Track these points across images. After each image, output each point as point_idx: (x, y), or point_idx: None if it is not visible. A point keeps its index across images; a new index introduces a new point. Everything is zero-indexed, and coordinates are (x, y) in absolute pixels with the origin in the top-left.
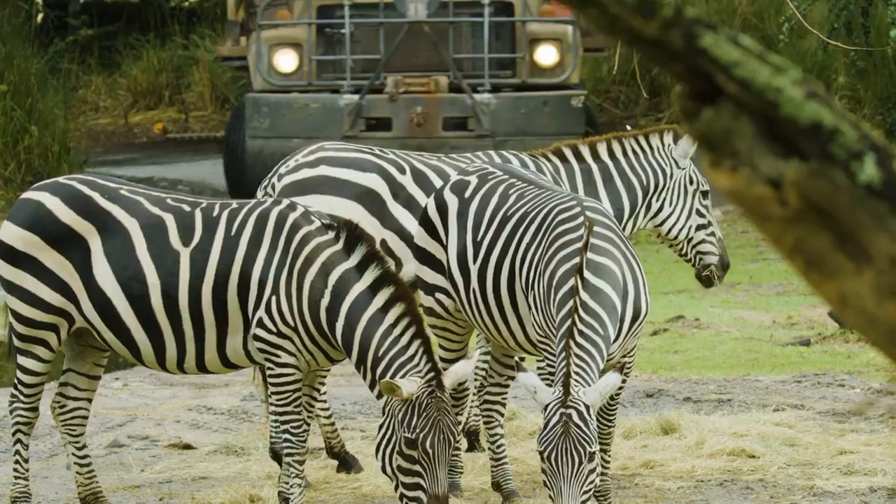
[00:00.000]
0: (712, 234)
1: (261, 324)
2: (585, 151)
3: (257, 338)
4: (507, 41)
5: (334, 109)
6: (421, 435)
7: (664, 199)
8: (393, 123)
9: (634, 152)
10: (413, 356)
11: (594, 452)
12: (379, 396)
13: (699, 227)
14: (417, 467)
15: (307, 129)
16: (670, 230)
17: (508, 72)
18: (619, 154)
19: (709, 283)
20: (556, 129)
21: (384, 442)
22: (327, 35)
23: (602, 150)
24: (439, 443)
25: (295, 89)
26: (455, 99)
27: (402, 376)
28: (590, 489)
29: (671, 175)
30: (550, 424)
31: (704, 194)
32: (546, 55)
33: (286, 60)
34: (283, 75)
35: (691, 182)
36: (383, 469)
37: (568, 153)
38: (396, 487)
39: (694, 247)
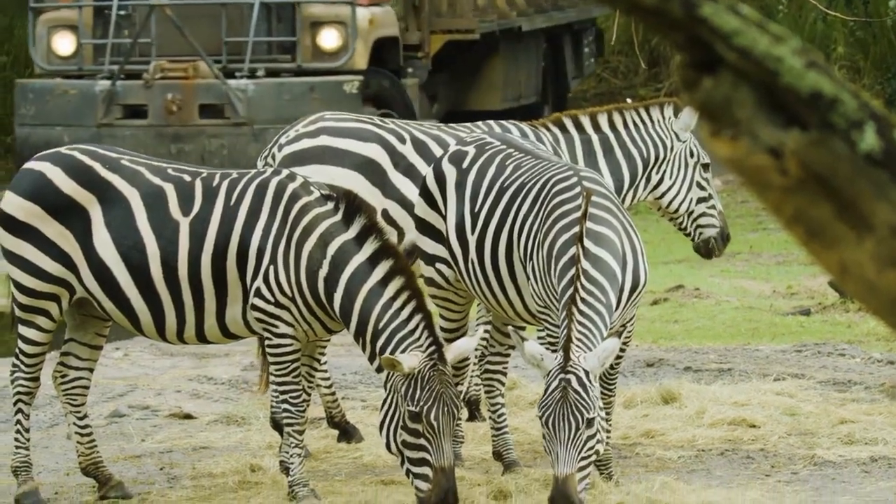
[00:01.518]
0: (713, 206)
1: (259, 293)
2: (586, 122)
3: (255, 307)
4: (289, 24)
5: (90, 96)
6: (424, 408)
7: (664, 171)
8: (149, 110)
9: (635, 124)
10: (414, 330)
11: (593, 419)
12: (379, 370)
13: (699, 200)
14: (422, 441)
15: (66, 116)
16: (670, 203)
17: (289, 56)
18: (619, 125)
19: (708, 255)
20: None
21: (388, 419)
22: (105, 17)
23: (603, 120)
24: (443, 415)
25: (72, 74)
26: (211, 85)
27: (403, 350)
28: (589, 455)
29: (671, 148)
30: (549, 390)
31: (705, 167)
32: (328, 39)
33: (63, 43)
34: (62, 59)
35: (692, 155)
36: (388, 446)
37: (568, 123)
38: (402, 463)
39: (694, 220)
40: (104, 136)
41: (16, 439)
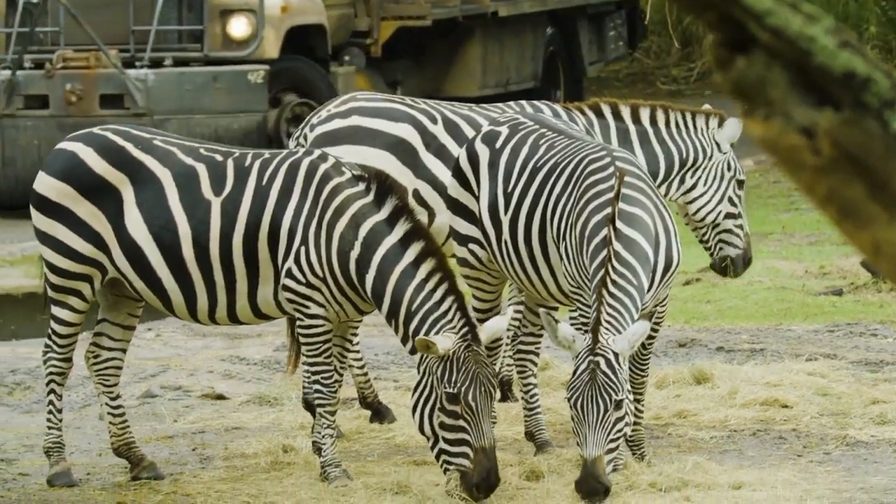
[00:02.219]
0: (741, 226)
1: (290, 274)
2: (626, 112)
3: (286, 288)
4: (200, 12)
5: None
6: (462, 389)
7: (699, 177)
8: (50, 100)
9: (677, 125)
10: (447, 312)
11: (621, 400)
12: (412, 352)
13: (728, 216)
14: (461, 422)
15: None
16: (699, 210)
17: (199, 45)
18: (660, 123)
19: (723, 272)
20: (229, 107)
21: (422, 401)
22: (16, 6)
23: (644, 114)
24: (481, 395)
25: None
26: (112, 75)
27: (436, 332)
28: (617, 437)
29: (711, 156)
30: (578, 371)
31: (740, 184)
32: (237, 27)
33: None
34: None
35: (729, 168)
36: (421, 429)
37: (606, 109)
38: (434, 445)
39: (718, 234)
40: (6, 127)
41: (48, 420)
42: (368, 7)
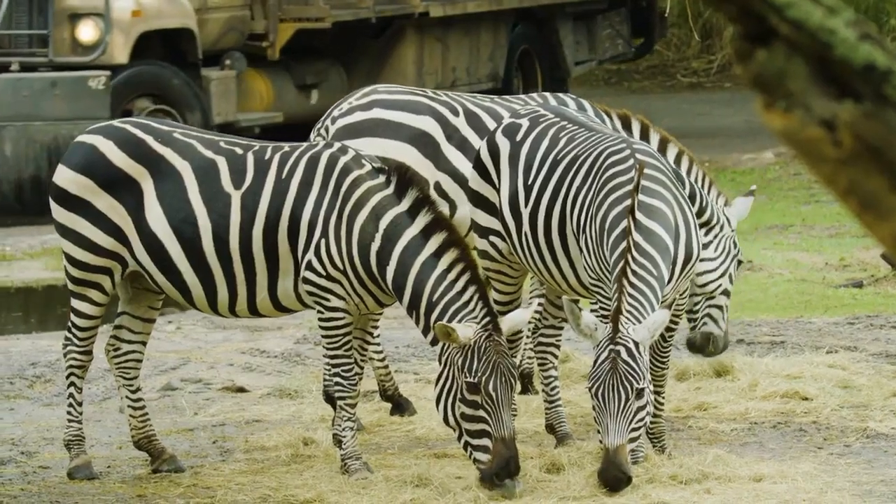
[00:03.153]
0: (727, 307)
1: (310, 267)
2: (654, 137)
3: (307, 281)
4: (47, 16)
5: None
6: (483, 378)
7: (712, 243)
8: None
9: (696, 177)
10: (468, 302)
11: (643, 389)
12: (433, 343)
13: (724, 293)
14: (481, 412)
15: None
16: (703, 275)
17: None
18: (684, 164)
19: (700, 349)
20: (70, 113)
21: (444, 392)
22: None
23: (672, 150)
24: (501, 385)
25: None
26: None
27: (458, 322)
28: (639, 426)
29: (721, 226)
30: (599, 361)
31: (739, 264)
32: (84, 32)
33: None
34: None
35: (735, 246)
36: (445, 420)
37: (635, 125)
38: (460, 437)
39: (710, 307)
40: None
41: (68, 413)
42: (265, 9)
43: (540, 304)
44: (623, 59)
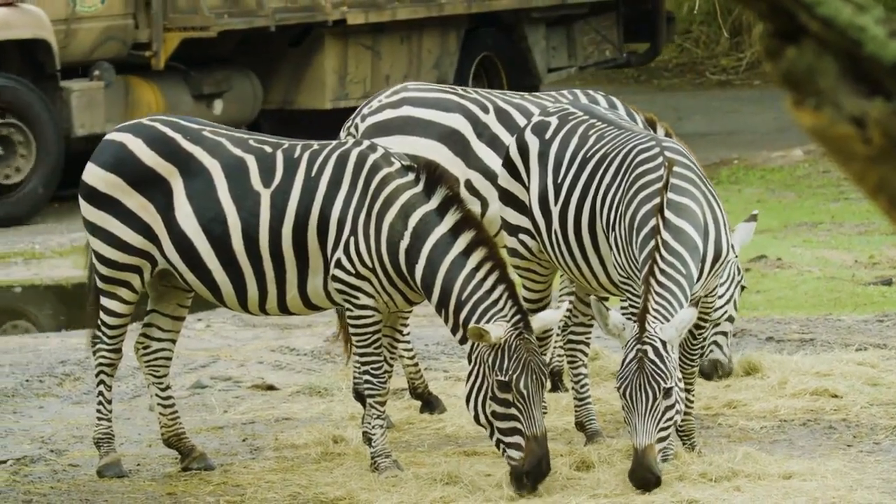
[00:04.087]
0: (731, 334)
1: (339, 264)
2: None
3: (336, 279)
4: None
5: None
6: (514, 377)
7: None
8: None
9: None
10: (497, 300)
11: (670, 388)
12: (462, 341)
13: (729, 319)
14: (513, 410)
15: None
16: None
17: None
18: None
19: (709, 376)
20: None
21: (475, 390)
22: None
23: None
24: (532, 383)
25: None
26: None
27: (488, 321)
28: (667, 426)
29: (727, 253)
30: (627, 360)
31: (742, 289)
32: None
33: None
34: None
35: (738, 272)
36: (476, 419)
37: (660, 131)
38: (492, 435)
39: (715, 334)
40: None
41: (98, 411)
42: (149, 18)
43: (571, 304)
44: (614, 65)
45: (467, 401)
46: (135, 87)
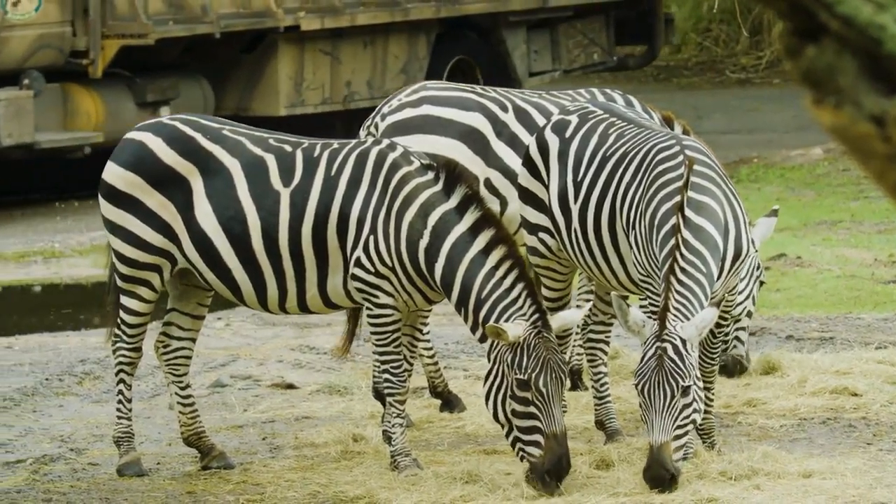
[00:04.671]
0: (748, 329)
1: (359, 263)
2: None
3: (355, 277)
4: None
5: None
6: (533, 375)
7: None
8: None
9: None
10: (517, 299)
11: (689, 387)
12: (481, 340)
13: (748, 314)
14: (532, 408)
15: None
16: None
17: None
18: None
19: (731, 373)
20: None
21: (494, 389)
22: None
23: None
24: (552, 381)
25: None
26: None
27: (507, 320)
28: (685, 424)
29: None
30: (645, 358)
31: (760, 285)
32: None
33: None
34: None
35: (757, 268)
36: (495, 417)
37: (677, 128)
38: (509, 433)
39: (736, 329)
40: None
41: (118, 409)
42: (87, 25)
43: (587, 295)
44: (605, 68)
45: (486, 399)
46: (73, 94)
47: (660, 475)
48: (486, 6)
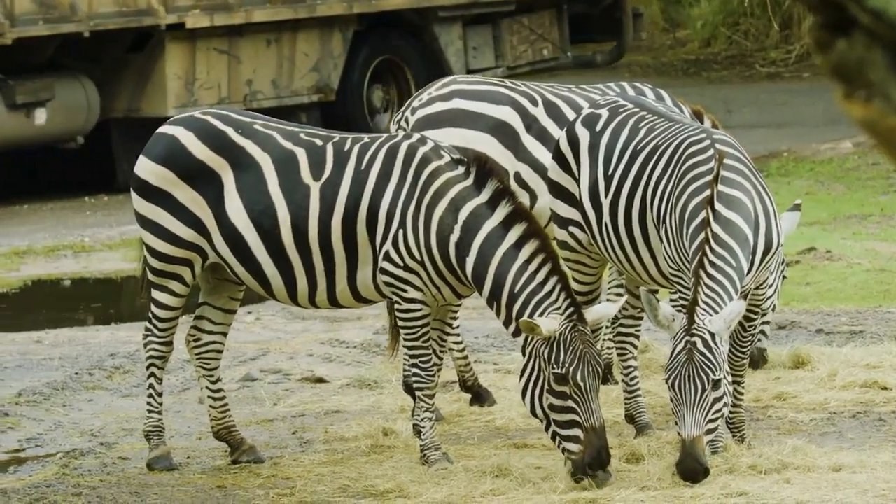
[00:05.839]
0: (771, 324)
1: (387, 257)
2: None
3: (384, 271)
4: None
5: None
6: (570, 369)
7: None
8: None
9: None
10: (550, 293)
11: (719, 380)
12: (515, 334)
13: (773, 308)
14: (570, 402)
15: None
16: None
17: None
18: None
19: (756, 364)
20: None
21: (530, 384)
22: None
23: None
24: (589, 375)
25: None
26: None
27: (541, 314)
28: (716, 418)
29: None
30: (675, 352)
31: (784, 278)
32: None
33: None
34: None
35: (782, 262)
36: (533, 412)
37: (706, 122)
38: (548, 427)
39: (762, 323)
40: None
41: (148, 403)
42: None
43: (617, 289)
44: (559, 65)
45: (523, 394)
46: None
47: (693, 469)
48: (409, 2)
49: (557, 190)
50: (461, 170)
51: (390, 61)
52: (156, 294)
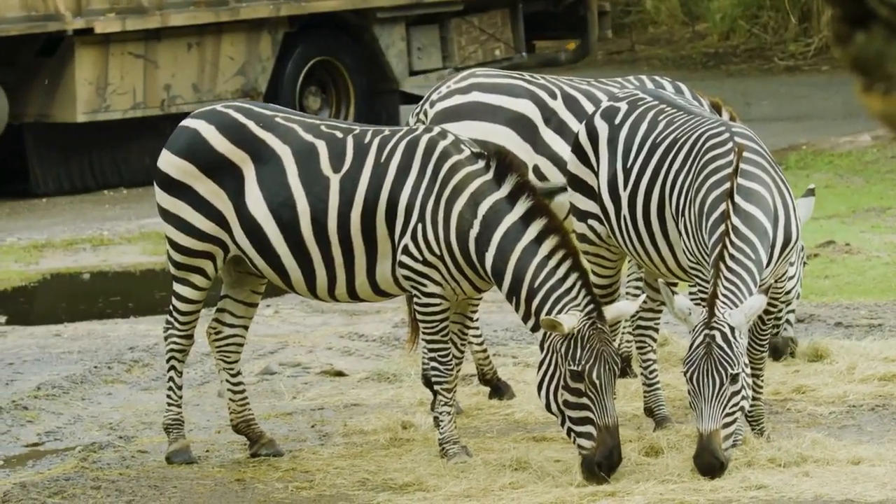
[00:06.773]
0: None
1: (406, 251)
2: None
3: (403, 265)
4: None
5: None
6: (587, 367)
7: None
8: None
9: None
10: (570, 289)
11: (737, 374)
12: (534, 329)
13: (798, 296)
14: (585, 399)
15: None
16: (787, 282)
17: None
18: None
19: (780, 355)
20: None
21: (547, 379)
22: None
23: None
24: (605, 373)
25: None
26: None
27: (560, 310)
28: (734, 411)
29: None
30: (694, 346)
31: (805, 264)
32: None
33: None
34: None
35: (802, 249)
36: (548, 407)
37: (724, 115)
38: (563, 423)
39: (788, 312)
40: None
41: (168, 397)
42: None
43: (636, 282)
44: (514, 65)
45: (539, 389)
46: None
47: (710, 463)
48: (341, 3)
49: (576, 183)
50: (481, 164)
51: (327, 63)
52: (177, 287)
